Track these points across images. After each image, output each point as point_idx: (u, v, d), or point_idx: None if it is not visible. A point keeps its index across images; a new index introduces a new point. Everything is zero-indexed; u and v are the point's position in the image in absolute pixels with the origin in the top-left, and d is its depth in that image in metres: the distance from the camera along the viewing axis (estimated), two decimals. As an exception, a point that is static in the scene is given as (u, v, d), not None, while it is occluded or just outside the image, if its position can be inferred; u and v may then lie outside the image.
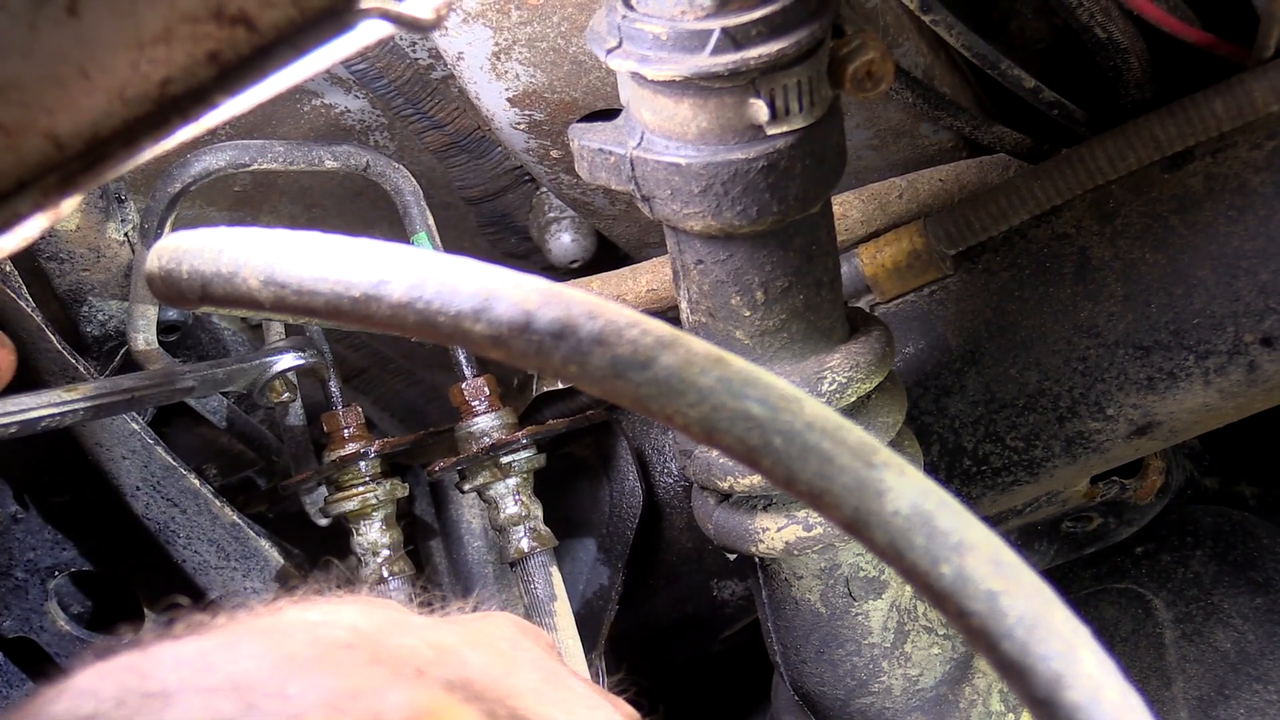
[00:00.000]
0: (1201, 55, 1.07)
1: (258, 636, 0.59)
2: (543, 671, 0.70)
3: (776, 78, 0.84)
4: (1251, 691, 1.27)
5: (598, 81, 1.13)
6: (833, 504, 0.55)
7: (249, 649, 0.58)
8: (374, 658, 0.60)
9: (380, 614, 0.65)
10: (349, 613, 0.64)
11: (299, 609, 0.64)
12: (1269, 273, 1.06)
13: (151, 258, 0.67)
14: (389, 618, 0.65)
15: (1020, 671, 0.54)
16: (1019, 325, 1.14)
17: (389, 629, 0.63)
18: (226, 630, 0.61)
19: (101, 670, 0.56)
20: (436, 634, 0.65)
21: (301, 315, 0.61)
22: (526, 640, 0.73)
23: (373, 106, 1.29)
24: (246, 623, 0.62)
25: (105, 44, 0.54)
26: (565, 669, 0.73)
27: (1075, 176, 1.10)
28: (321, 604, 0.66)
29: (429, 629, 0.66)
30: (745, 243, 0.92)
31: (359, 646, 0.60)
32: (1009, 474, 1.18)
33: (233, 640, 0.58)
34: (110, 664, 0.57)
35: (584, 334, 0.56)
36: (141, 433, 1.25)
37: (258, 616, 0.63)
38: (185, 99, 0.55)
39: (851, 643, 1.09)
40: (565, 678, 0.71)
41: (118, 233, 1.28)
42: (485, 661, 0.65)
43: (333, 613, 0.64)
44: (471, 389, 1.25)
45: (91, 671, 0.56)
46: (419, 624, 0.66)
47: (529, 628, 0.77)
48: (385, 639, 0.62)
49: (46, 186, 0.57)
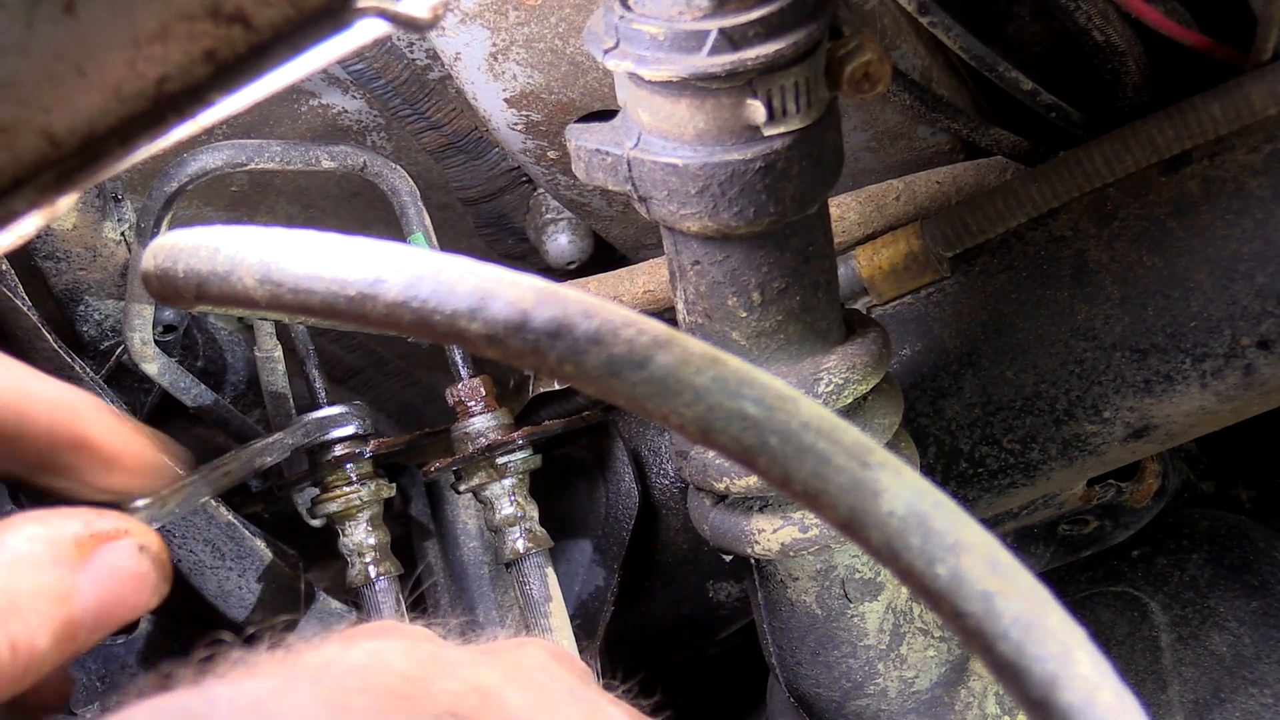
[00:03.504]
0: (1199, 58, 1.07)
1: (311, 683, 0.60)
2: (582, 704, 0.71)
3: (774, 78, 0.84)
4: (1247, 695, 1.27)
5: (595, 82, 1.13)
6: (828, 504, 0.55)
7: (305, 696, 0.58)
8: (422, 708, 0.61)
9: (423, 652, 0.66)
10: (394, 653, 0.65)
11: (344, 648, 0.65)
12: (1266, 276, 1.06)
13: (147, 256, 0.67)
14: (431, 656, 0.66)
15: (1015, 673, 0.54)
16: (1016, 328, 1.14)
17: (433, 672, 0.64)
18: (279, 674, 0.61)
19: (156, 709, 0.56)
20: (477, 673, 0.66)
21: (297, 314, 0.61)
22: (562, 670, 0.74)
23: (370, 107, 1.29)
24: (297, 665, 0.63)
25: (102, 42, 0.54)
26: (602, 697, 0.74)
27: (1073, 179, 1.10)
28: (365, 642, 0.67)
29: (470, 667, 0.66)
30: (742, 244, 0.92)
31: (409, 696, 0.61)
32: (1005, 476, 1.18)
33: (287, 686, 0.59)
34: (165, 703, 0.57)
35: (580, 333, 0.56)
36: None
37: (303, 656, 0.64)
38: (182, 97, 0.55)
39: (847, 644, 1.09)
40: (603, 707, 0.72)
41: (114, 232, 1.28)
42: (526, 700, 0.66)
43: (379, 654, 0.65)
44: (468, 389, 1.24)
45: (145, 709, 0.57)
46: (459, 661, 0.67)
47: (563, 654, 0.78)
48: (431, 684, 0.63)
49: (42, 184, 0.57)
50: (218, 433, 1.34)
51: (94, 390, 1.22)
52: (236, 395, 1.39)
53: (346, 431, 1.24)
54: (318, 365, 1.30)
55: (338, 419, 1.24)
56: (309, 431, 1.23)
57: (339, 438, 1.24)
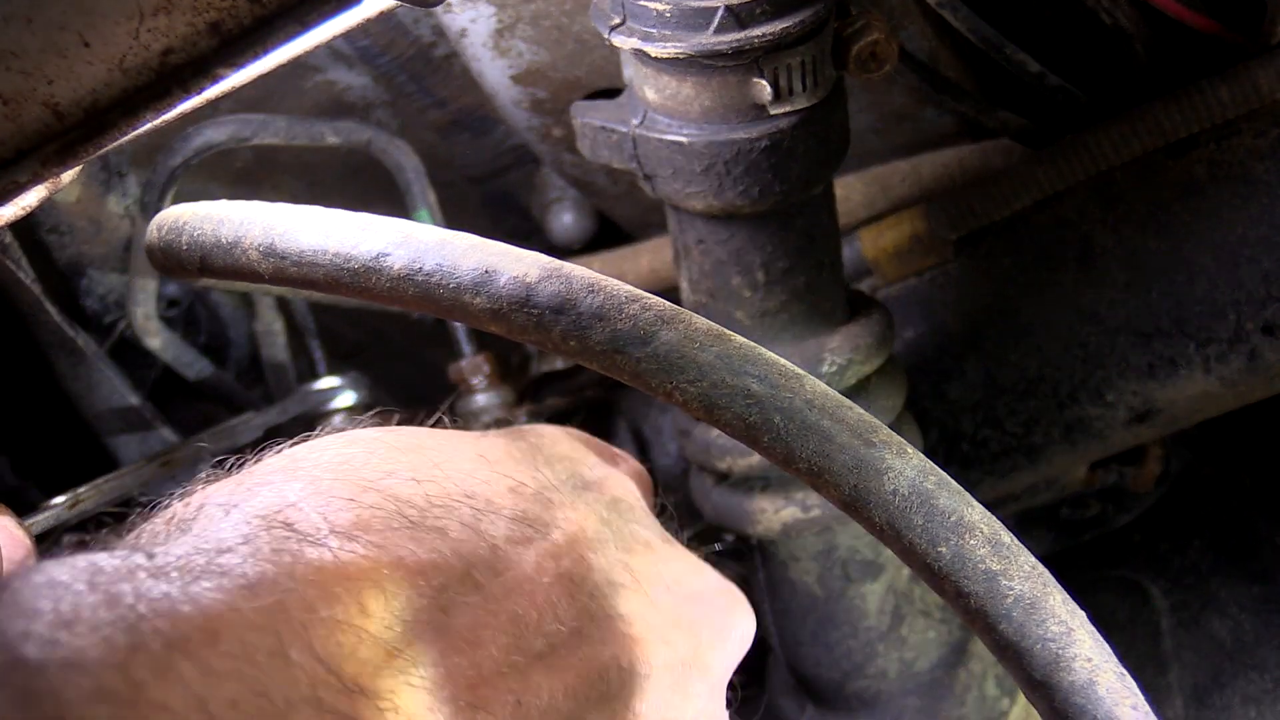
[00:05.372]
0: (1207, 42, 1.06)
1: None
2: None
3: (780, 57, 0.84)
4: (1247, 679, 1.27)
5: (601, 60, 1.13)
6: (831, 482, 0.55)
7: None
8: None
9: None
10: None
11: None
12: (1272, 261, 1.06)
13: (151, 229, 0.67)
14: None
15: (1018, 653, 0.54)
16: (1020, 311, 1.14)
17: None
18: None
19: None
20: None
21: (302, 287, 0.61)
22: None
23: (375, 83, 1.29)
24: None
25: (105, 13, 0.53)
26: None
27: (1079, 162, 1.09)
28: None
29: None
30: (747, 223, 0.92)
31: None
32: (1008, 459, 1.18)
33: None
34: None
35: (584, 309, 0.56)
36: (140, 409, 1.25)
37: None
38: (186, 70, 0.55)
39: (848, 625, 1.09)
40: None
41: (118, 206, 1.28)
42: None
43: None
44: (471, 366, 1.24)
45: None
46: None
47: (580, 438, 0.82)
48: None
49: (46, 156, 0.57)
50: (220, 407, 1.35)
51: (97, 364, 1.22)
52: (239, 370, 1.39)
53: (346, 401, 1.24)
54: (317, 337, 1.30)
55: (337, 389, 1.25)
56: (307, 400, 1.23)
57: (339, 408, 1.24)
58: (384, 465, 0.63)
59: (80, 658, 0.45)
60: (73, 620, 0.46)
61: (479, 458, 0.68)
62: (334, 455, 0.63)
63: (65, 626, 0.45)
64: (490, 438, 0.73)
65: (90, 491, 1.08)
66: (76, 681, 0.44)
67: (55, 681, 0.44)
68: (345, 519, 0.57)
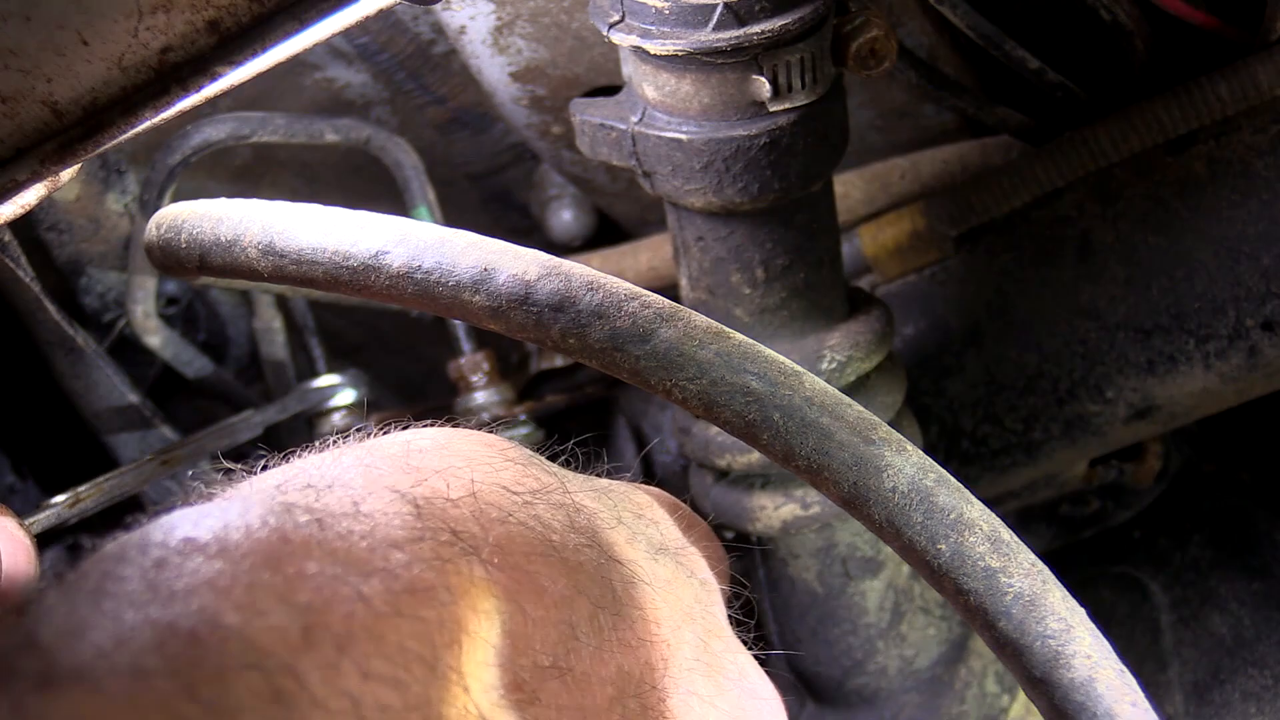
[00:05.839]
0: (1206, 38, 1.06)
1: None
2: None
3: (779, 54, 0.84)
4: (1247, 676, 1.27)
5: (600, 57, 1.13)
6: (831, 480, 0.55)
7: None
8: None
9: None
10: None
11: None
12: (1271, 257, 1.06)
13: (150, 227, 0.67)
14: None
15: (1017, 650, 0.54)
16: (1019, 307, 1.14)
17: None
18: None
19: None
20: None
21: (301, 285, 0.61)
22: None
23: (374, 81, 1.29)
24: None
25: (104, 11, 0.53)
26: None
27: (1078, 159, 1.09)
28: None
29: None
30: (746, 220, 0.92)
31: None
32: (1007, 456, 1.18)
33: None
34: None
35: (583, 306, 0.56)
36: (140, 407, 1.24)
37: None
38: (185, 68, 0.55)
39: (847, 622, 1.09)
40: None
41: (117, 204, 1.28)
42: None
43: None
44: (470, 364, 1.24)
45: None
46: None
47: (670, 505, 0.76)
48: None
49: (45, 154, 0.57)
50: (221, 406, 1.35)
51: (96, 362, 1.22)
52: (239, 368, 1.39)
53: (346, 399, 1.24)
54: (317, 335, 1.30)
55: (337, 386, 1.25)
56: (306, 398, 1.23)
57: (338, 406, 1.24)
58: (529, 482, 0.61)
59: (251, 646, 0.45)
60: (246, 604, 0.46)
61: (599, 497, 0.66)
62: (482, 455, 0.61)
63: (238, 610, 0.45)
64: (602, 481, 0.71)
65: (90, 490, 1.08)
66: (247, 678, 0.44)
67: (223, 671, 0.44)
68: (499, 533, 0.56)
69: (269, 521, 0.49)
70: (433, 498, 0.56)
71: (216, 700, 0.43)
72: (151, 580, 0.46)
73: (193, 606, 0.45)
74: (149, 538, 0.48)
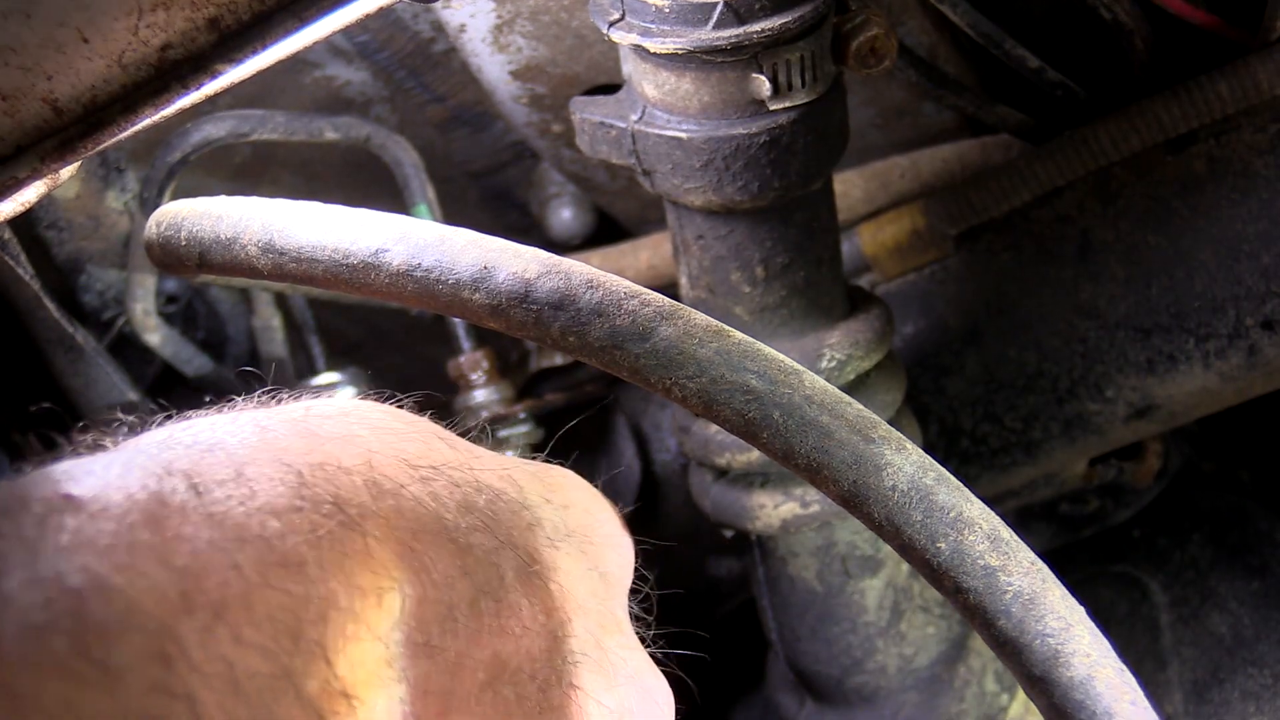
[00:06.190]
0: (1206, 37, 1.06)
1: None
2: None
3: (779, 53, 0.84)
4: (1246, 675, 1.27)
5: (600, 56, 1.13)
6: (830, 478, 0.55)
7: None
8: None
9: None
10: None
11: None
12: (1270, 256, 1.06)
13: (150, 224, 0.67)
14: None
15: (1017, 648, 0.54)
16: (1019, 306, 1.14)
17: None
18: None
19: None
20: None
21: (300, 283, 0.61)
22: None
23: (374, 79, 1.29)
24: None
25: (104, 8, 0.53)
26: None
27: (1078, 158, 1.09)
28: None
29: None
30: (746, 218, 0.92)
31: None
32: (1007, 455, 1.18)
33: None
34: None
35: (583, 304, 0.56)
36: (139, 405, 1.24)
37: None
38: (185, 65, 0.55)
39: (847, 621, 1.09)
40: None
41: (117, 202, 1.28)
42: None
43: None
44: (470, 362, 1.24)
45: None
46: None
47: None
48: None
49: (45, 152, 0.57)
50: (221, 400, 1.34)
51: (95, 360, 1.22)
52: (238, 366, 1.39)
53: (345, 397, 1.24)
54: (316, 333, 1.30)
55: (336, 384, 1.25)
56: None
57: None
58: (433, 456, 0.60)
59: (135, 607, 0.45)
60: (127, 565, 0.46)
61: (506, 477, 0.65)
62: (388, 425, 0.60)
63: (119, 570, 0.45)
64: (512, 460, 0.69)
65: (89, 488, 1.08)
66: (131, 638, 0.44)
67: (109, 630, 0.44)
68: (389, 506, 0.55)
69: (148, 484, 0.49)
70: (324, 464, 0.55)
71: (105, 659, 0.44)
72: (33, 538, 0.46)
73: (76, 564, 0.45)
74: (30, 492, 0.48)
